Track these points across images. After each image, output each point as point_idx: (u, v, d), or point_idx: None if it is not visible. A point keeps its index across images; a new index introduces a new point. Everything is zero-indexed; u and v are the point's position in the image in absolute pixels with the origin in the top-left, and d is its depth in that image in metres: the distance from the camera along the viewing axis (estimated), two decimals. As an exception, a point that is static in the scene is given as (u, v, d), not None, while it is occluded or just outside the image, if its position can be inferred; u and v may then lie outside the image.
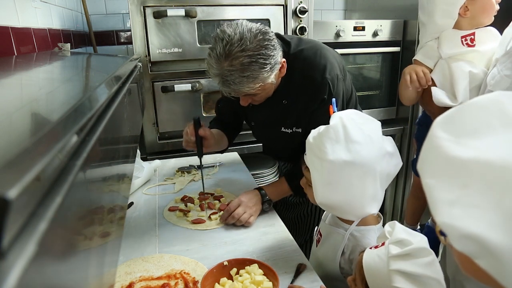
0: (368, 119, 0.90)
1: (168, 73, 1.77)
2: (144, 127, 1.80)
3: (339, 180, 0.85)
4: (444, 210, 0.41)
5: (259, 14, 1.81)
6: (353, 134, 0.84)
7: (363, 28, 2.17)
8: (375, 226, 0.95)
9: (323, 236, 1.03)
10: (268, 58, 1.06)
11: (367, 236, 0.93)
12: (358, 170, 0.84)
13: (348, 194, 0.86)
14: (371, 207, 0.88)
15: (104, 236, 0.40)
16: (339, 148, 0.84)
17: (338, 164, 0.83)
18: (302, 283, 0.91)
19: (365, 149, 0.84)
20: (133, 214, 1.28)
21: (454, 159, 0.41)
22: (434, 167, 0.44)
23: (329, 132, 0.86)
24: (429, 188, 0.44)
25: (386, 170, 0.88)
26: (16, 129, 0.30)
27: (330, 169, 0.85)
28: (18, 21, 1.12)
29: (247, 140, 1.98)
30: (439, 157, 0.43)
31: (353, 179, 0.84)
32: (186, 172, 1.61)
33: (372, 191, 0.86)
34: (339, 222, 0.99)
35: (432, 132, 0.45)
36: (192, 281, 0.90)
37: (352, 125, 0.85)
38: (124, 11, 2.31)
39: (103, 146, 0.40)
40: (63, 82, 0.64)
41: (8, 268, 0.17)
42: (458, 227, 0.39)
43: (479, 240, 0.38)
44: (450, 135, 0.43)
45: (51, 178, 0.23)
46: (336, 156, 0.83)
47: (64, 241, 0.26)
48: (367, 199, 0.87)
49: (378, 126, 0.89)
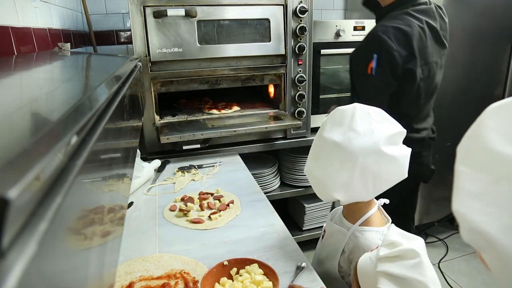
0: (388, 120, 0.89)
1: (168, 73, 1.77)
2: (144, 127, 1.80)
3: (324, 157, 0.91)
4: (465, 200, 0.40)
5: (259, 14, 1.81)
6: (357, 124, 0.87)
7: (363, 27, 2.17)
8: (378, 228, 0.94)
9: (326, 234, 1.04)
10: None
11: (367, 237, 0.93)
12: (341, 154, 0.87)
13: (325, 173, 0.91)
14: (339, 193, 0.90)
15: (104, 236, 0.40)
16: (337, 130, 0.89)
17: (329, 143, 0.89)
18: (302, 283, 0.91)
19: (358, 139, 0.86)
20: (133, 214, 1.28)
21: (495, 152, 0.39)
22: (471, 155, 0.42)
23: (335, 114, 0.91)
24: (459, 174, 0.42)
25: (371, 167, 0.86)
26: (16, 129, 0.30)
27: (322, 145, 0.91)
28: (18, 21, 1.12)
29: (247, 140, 1.98)
30: (479, 147, 0.41)
31: (334, 161, 0.88)
32: (186, 172, 1.62)
33: (345, 178, 0.87)
34: (344, 221, 0.99)
35: (481, 118, 0.42)
36: (192, 281, 0.90)
37: (362, 117, 0.87)
38: (124, 11, 2.31)
39: (103, 146, 0.40)
40: (63, 82, 0.64)
41: (8, 268, 0.17)
42: (471, 220, 0.39)
43: (488, 237, 0.37)
44: (499, 126, 0.40)
45: (51, 178, 0.23)
46: (331, 135, 0.89)
47: (64, 241, 0.26)
48: (337, 184, 0.89)
49: (393, 130, 0.87)
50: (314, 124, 2.10)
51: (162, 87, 1.80)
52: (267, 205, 1.31)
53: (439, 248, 2.39)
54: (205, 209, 1.28)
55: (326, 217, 2.27)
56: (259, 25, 1.83)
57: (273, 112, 2.05)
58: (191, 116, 1.97)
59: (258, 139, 2.01)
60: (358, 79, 1.43)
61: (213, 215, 1.21)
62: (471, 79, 2.24)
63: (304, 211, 2.23)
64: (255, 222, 1.19)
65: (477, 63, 2.22)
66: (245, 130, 1.77)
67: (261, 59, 1.90)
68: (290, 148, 2.10)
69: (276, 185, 2.19)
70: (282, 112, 2.03)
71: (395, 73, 1.30)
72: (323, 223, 2.31)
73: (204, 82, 1.87)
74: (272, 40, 1.86)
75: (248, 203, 1.33)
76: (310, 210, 2.24)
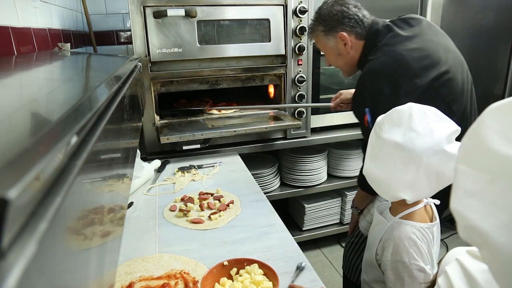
0: (444, 120, 0.90)
1: (168, 73, 1.78)
2: (144, 127, 1.80)
3: (384, 158, 0.91)
4: (462, 198, 0.41)
5: (259, 14, 1.81)
6: (416, 124, 0.87)
7: (363, 28, 2.16)
8: (415, 223, 0.95)
9: (372, 225, 1.10)
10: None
11: (401, 229, 0.95)
12: (404, 155, 0.87)
13: (388, 173, 0.91)
14: (405, 193, 0.91)
15: (104, 236, 0.40)
16: (396, 130, 0.89)
17: (389, 144, 0.89)
18: (302, 283, 0.91)
19: (420, 139, 0.86)
20: (133, 214, 1.28)
21: (493, 152, 0.40)
22: (470, 154, 0.43)
23: (392, 115, 0.92)
24: (458, 173, 0.43)
25: (435, 167, 0.87)
26: (16, 129, 0.30)
27: (381, 146, 0.91)
28: (18, 21, 1.12)
29: (247, 140, 1.99)
30: (478, 146, 0.41)
31: (397, 161, 0.88)
32: (186, 172, 1.62)
33: (411, 178, 0.88)
34: (387, 213, 1.03)
35: (481, 118, 0.43)
36: (192, 281, 0.90)
37: (419, 117, 0.88)
38: (124, 11, 2.31)
39: (103, 146, 0.40)
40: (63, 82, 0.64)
41: (8, 268, 0.17)
42: (467, 217, 0.40)
43: (483, 235, 0.38)
44: (498, 126, 0.40)
45: (51, 178, 0.23)
46: (390, 136, 0.89)
47: (64, 241, 0.26)
48: (403, 184, 0.90)
49: (450, 129, 0.88)
50: (314, 124, 2.10)
51: (162, 87, 1.80)
52: (267, 205, 1.31)
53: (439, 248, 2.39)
54: (205, 209, 1.28)
55: (327, 217, 2.28)
56: (259, 25, 1.83)
57: (273, 112, 2.05)
58: (191, 116, 1.97)
59: (258, 139, 2.01)
60: (361, 129, 1.37)
61: (213, 215, 1.21)
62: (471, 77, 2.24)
63: (304, 211, 2.23)
64: (255, 222, 1.19)
65: (477, 62, 2.22)
66: (245, 130, 1.77)
67: (261, 59, 1.90)
68: (290, 148, 2.10)
69: (276, 185, 2.19)
70: (282, 112, 2.03)
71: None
72: (323, 223, 2.31)
73: (204, 82, 1.87)
74: (272, 40, 1.86)
75: (248, 203, 1.33)
76: (310, 210, 2.24)
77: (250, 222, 1.20)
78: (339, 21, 1.30)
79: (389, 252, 0.96)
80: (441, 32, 1.33)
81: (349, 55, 1.35)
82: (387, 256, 0.96)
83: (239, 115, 2.01)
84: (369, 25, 1.30)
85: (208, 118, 1.96)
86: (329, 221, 2.33)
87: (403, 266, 0.93)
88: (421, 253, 0.93)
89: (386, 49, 1.22)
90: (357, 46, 1.33)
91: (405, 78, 1.17)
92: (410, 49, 1.19)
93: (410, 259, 0.92)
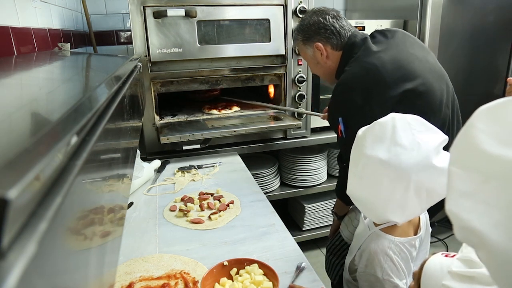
0: (430, 129, 0.84)
1: (168, 73, 1.78)
2: (144, 127, 1.80)
3: (370, 176, 0.84)
4: (456, 200, 0.42)
5: (259, 14, 1.81)
6: (400, 137, 0.81)
7: (363, 28, 2.16)
8: (393, 238, 0.90)
9: (356, 230, 1.05)
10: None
11: (378, 243, 0.90)
12: (391, 172, 0.80)
13: (375, 193, 0.84)
14: (394, 214, 0.84)
15: (104, 236, 0.40)
16: (380, 146, 0.82)
17: (373, 161, 0.82)
18: (302, 283, 0.91)
19: (406, 154, 0.80)
20: (133, 214, 1.28)
21: (484, 153, 0.40)
22: (462, 156, 0.43)
23: (375, 128, 0.84)
24: (451, 175, 0.43)
25: (425, 184, 0.81)
26: (16, 129, 0.30)
27: (365, 164, 0.84)
28: (18, 21, 1.12)
29: (247, 140, 1.98)
30: (469, 147, 0.42)
31: (384, 180, 0.81)
32: (186, 172, 1.62)
33: (399, 197, 0.82)
34: (371, 223, 0.97)
35: (471, 120, 0.43)
36: (192, 281, 0.90)
37: (403, 128, 0.82)
38: (124, 11, 2.31)
39: (103, 146, 0.40)
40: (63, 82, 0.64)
41: (8, 268, 0.17)
42: (463, 218, 0.40)
43: (479, 235, 0.38)
44: (487, 128, 0.41)
45: (51, 178, 0.23)
46: (374, 152, 0.82)
47: (64, 241, 0.26)
48: (392, 204, 0.83)
49: (437, 139, 0.83)
50: (314, 124, 2.10)
51: (162, 87, 1.80)
52: (267, 205, 1.31)
53: (439, 248, 2.39)
54: (205, 209, 1.28)
55: (327, 217, 2.27)
56: (259, 25, 1.83)
57: (273, 112, 2.05)
58: (191, 116, 1.97)
59: (258, 139, 2.01)
60: (337, 140, 1.35)
61: (213, 215, 1.21)
62: (471, 77, 2.24)
63: (304, 211, 2.23)
64: (255, 222, 1.19)
65: (477, 62, 2.22)
66: (245, 130, 1.77)
67: (261, 59, 1.90)
68: (290, 148, 2.10)
69: (276, 185, 2.19)
70: (282, 112, 2.03)
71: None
72: (323, 223, 2.31)
73: (204, 82, 1.87)
74: (272, 40, 1.86)
75: (248, 203, 1.33)
76: (310, 210, 2.24)
77: (250, 222, 1.20)
78: (316, 31, 1.32)
79: (363, 264, 0.92)
80: (419, 43, 1.33)
81: (327, 65, 1.37)
82: (362, 267, 0.93)
83: (239, 115, 2.02)
84: (347, 36, 1.32)
85: (208, 118, 1.96)
86: (329, 221, 2.33)
87: (376, 280, 0.89)
88: (397, 269, 0.88)
89: (360, 60, 1.24)
90: (333, 56, 1.35)
91: (377, 88, 1.17)
92: (383, 61, 1.19)
93: (384, 274, 0.88)
